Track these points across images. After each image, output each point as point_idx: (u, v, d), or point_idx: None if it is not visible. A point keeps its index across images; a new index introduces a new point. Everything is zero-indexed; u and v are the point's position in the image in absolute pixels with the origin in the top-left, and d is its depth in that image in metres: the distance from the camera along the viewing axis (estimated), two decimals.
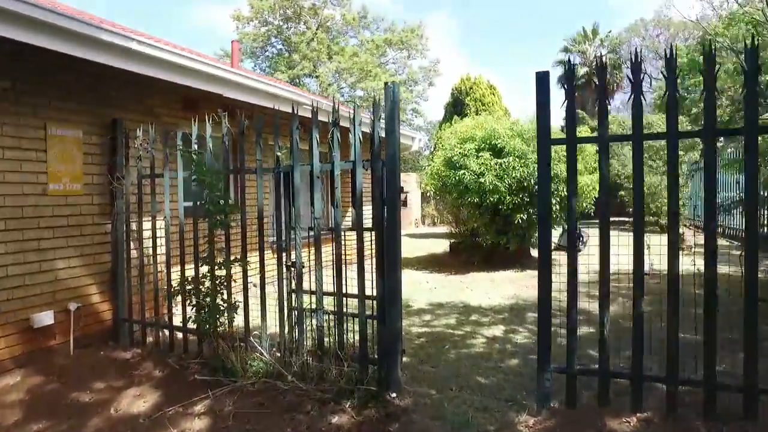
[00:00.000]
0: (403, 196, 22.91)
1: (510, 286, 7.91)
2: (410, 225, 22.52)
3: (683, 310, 3.20)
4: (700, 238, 10.88)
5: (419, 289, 7.93)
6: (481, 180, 8.39)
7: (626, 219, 19.72)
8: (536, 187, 8.51)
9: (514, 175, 8.36)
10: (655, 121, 19.44)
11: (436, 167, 9.43)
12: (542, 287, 3.35)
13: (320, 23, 26.34)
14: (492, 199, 8.47)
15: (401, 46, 28.35)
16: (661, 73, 3.00)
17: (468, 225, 10.03)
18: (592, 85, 31.12)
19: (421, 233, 19.55)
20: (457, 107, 16.47)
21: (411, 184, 22.12)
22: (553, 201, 8.36)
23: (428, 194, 10.87)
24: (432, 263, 10.67)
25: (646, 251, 5.30)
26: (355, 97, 25.22)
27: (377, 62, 27.46)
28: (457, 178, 8.75)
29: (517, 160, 8.46)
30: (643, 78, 3.04)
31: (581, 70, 31.43)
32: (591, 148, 8.97)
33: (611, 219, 3.51)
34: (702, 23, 31.52)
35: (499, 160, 8.52)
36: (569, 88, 3.17)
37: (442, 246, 12.76)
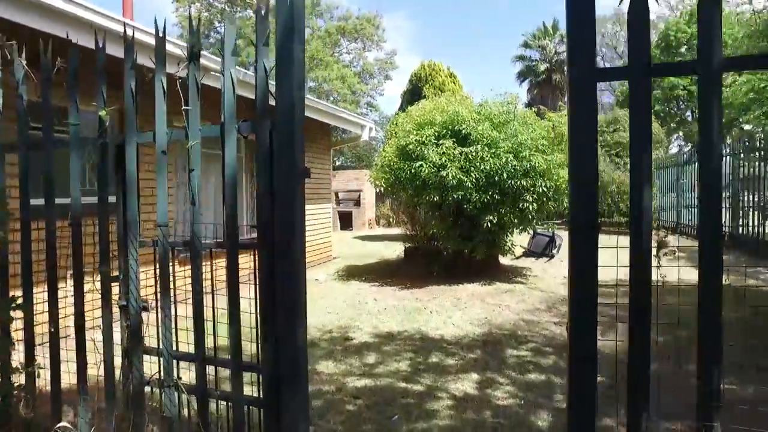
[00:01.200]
0: (356, 194, 21.28)
1: (479, 305, 6.32)
2: (363, 226, 20.92)
3: None
4: (694, 244, 9.64)
5: (364, 311, 6.24)
6: (442, 173, 6.78)
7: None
8: (509, 182, 7.00)
9: (482, 167, 6.79)
10: (621, 116, 18.53)
11: (388, 158, 7.77)
12: (583, 371, 1.70)
13: (267, 8, 24.21)
14: (455, 197, 6.87)
15: (355, 35, 26.62)
16: None
17: (426, 228, 8.43)
18: (552, 81, 30.30)
19: (375, 235, 17.93)
20: (415, 95, 14.89)
21: (364, 181, 20.50)
22: (529, 198, 6.86)
23: (380, 191, 9.26)
24: (383, 273, 9.01)
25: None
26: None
27: (330, 52, 25.65)
28: (412, 171, 7.12)
29: (486, 149, 6.90)
30: None
31: (541, 66, 30.56)
32: None
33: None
34: (660, 21, 31.31)
35: (464, 149, 6.94)
36: None
37: (397, 250, 11.13)
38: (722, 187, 12.04)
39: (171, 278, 2.36)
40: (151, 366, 2.39)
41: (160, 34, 2.27)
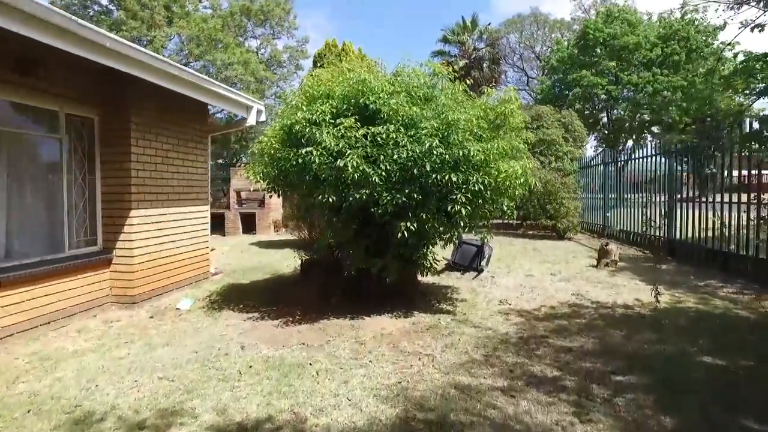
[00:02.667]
0: (260, 194, 18.79)
1: (390, 356, 4.33)
2: (268, 229, 18.50)
3: None
4: (628, 251, 8.25)
5: (219, 371, 4.05)
6: (339, 164, 4.76)
7: (514, 221, 17.57)
8: (434, 176, 5.05)
9: (395, 155, 4.84)
10: (545, 111, 17.57)
11: (268, 143, 5.62)
12: None
13: None
14: (358, 197, 4.88)
15: (262, 18, 23.94)
16: None
17: (323, 238, 6.38)
18: (471, 76, 29.35)
19: (278, 241, 15.56)
20: None
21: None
22: (461, 199, 4.98)
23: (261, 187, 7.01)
24: (270, 296, 6.83)
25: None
26: (204, 70, 20.26)
27: (232, 34, 22.82)
28: (300, 160, 5.03)
29: (402, 130, 4.96)
30: None
31: (460, 62, 29.50)
32: (519, 117, 5.75)
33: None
34: (574, 23, 31.37)
35: (372, 130, 4.95)
36: None
37: (295, 263, 8.98)
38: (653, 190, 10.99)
39: None
40: None
41: None
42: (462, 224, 5.26)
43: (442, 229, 5.24)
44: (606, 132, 26.37)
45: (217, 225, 18.25)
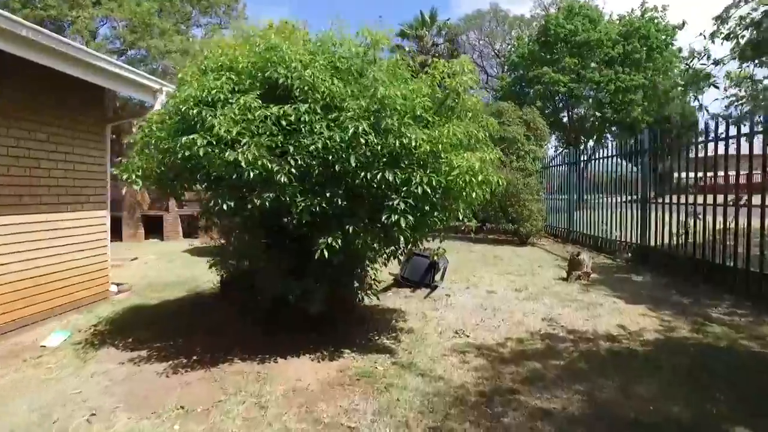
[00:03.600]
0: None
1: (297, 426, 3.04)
2: (211, 233, 16.89)
3: None
4: (597, 258, 7.13)
5: None
6: (228, 157, 3.42)
7: (473, 225, 16.57)
8: (362, 175, 3.65)
9: (312, 146, 3.54)
10: (506, 108, 16.59)
11: (148, 129, 4.22)
12: None
13: None
14: (259, 203, 3.56)
15: (206, 4, 22.18)
16: None
17: (240, 255, 5.03)
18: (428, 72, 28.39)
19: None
20: None
21: None
22: (400, 206, 3.70)
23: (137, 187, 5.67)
24: (174, 324, 5.42)
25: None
26: (134, 60, 18.39)
27: (175, 21, 21.01)
28: (186, 152, 3.67)
29: (320, 112, 3.66)
30: None
31: (419, 58, 28.43)
32: (474, 98, 4.52)
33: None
34: (534, 20, 30.78)
35: (274, 111, 3.63)
36: None
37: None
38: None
39: None
40: None
41: None
42: (403, 239, 4.01)
43: (377, 244, 3.97)
44: (567, 130, 25.79)
45: (156, 229, 16.55)
